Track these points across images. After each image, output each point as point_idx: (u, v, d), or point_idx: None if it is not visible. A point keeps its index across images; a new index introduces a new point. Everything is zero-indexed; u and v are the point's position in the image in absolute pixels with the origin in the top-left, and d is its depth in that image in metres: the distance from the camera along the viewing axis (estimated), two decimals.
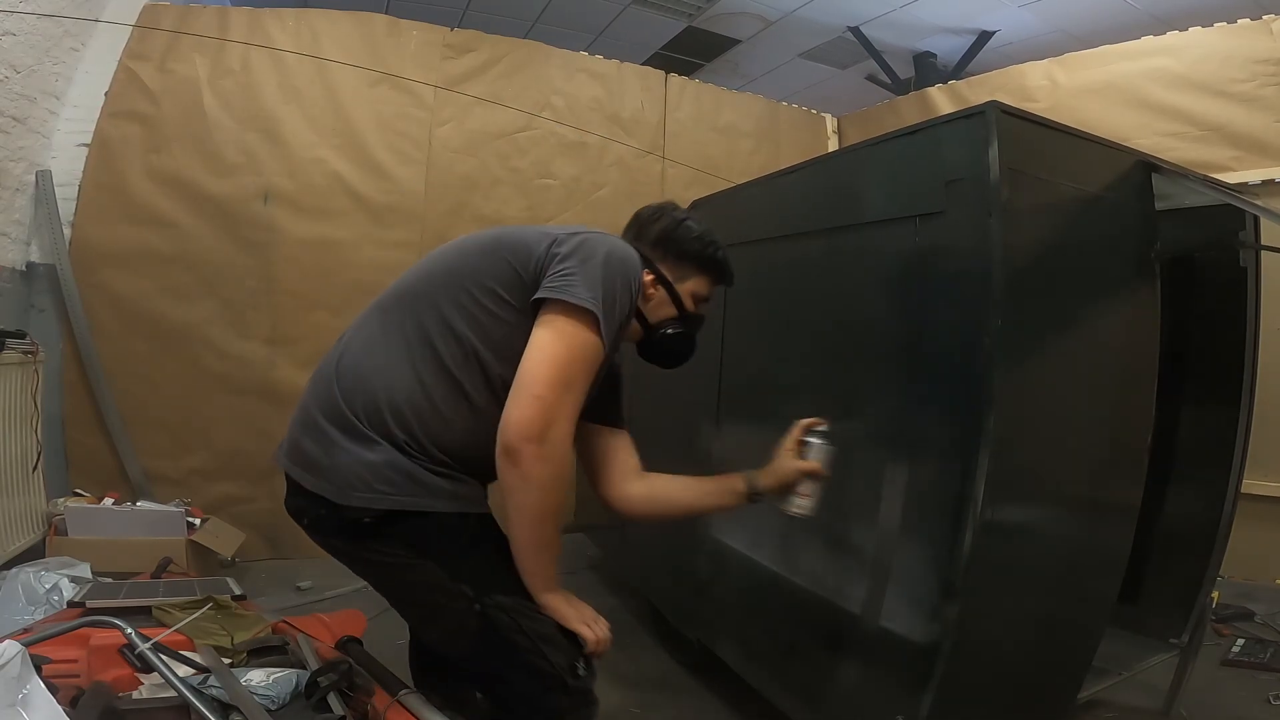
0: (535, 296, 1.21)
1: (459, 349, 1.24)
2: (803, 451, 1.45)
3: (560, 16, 5.61)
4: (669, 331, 1.43)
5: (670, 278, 1.42)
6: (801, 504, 1.43)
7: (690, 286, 1.43)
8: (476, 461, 1.25)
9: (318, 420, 1.27)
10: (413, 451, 1.22)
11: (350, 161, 4.00)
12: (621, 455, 1.45)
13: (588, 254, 1.23)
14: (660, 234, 1.43)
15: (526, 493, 1.17)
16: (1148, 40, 3.90)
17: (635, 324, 1.40)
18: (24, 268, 3.45)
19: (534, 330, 1.20)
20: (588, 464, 1.47)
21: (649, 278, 1.39)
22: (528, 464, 1.14)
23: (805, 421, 1.47)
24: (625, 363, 1.52)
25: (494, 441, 1.17)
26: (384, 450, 1.21)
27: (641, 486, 1.45)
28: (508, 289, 1.25)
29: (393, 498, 1.19)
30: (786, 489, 1.44)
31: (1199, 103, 3.67)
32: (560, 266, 1.22)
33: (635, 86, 4.84)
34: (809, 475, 1.42)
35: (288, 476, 1.33)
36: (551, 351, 1.17)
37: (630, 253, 1.31)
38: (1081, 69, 4.11)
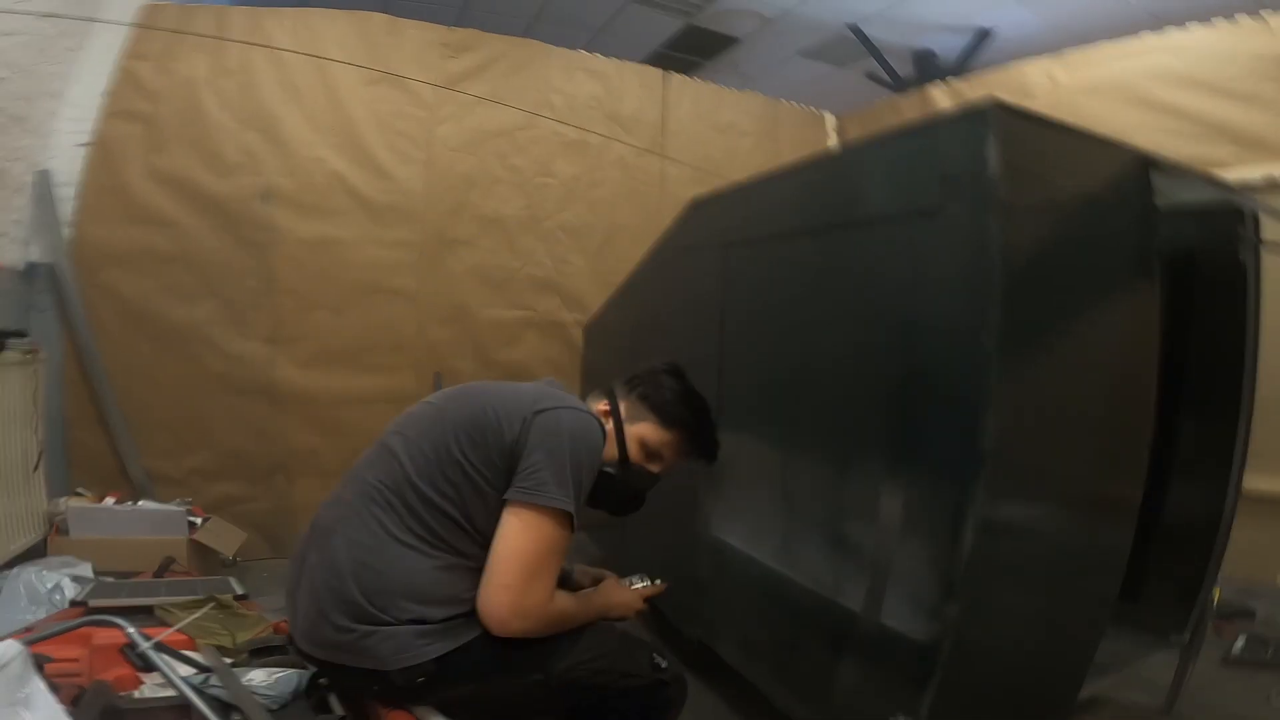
0: (506, 496, 1.29)
1: (454, 526, 1.32)
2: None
3: (559, 15, 5.60)
4: (624, 481, 1.49)
5: (623, 415, 1.50)
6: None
7: (639, 430, 1.49)
8: None
9: (339, 620, 1.28)
10: (436, 617, 1.28)
11: (350, 161, 4.00)
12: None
13: (554, 445, 1.30)
14: (645, 387, 1.53)
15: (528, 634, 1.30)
16: (1148, 38, 3.90)
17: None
18: (24, 268, 3.45)
19: (504, 516, 1.28)
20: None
21: (602, 407, 1.49)
22: (514, 632, 1.28)
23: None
24: (622, 363, 1.53)
25: None
26: (411, 625, 1.27)
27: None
28: (488, 476, 1.32)
29: (435, 646, 1.27)
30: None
31: (1199, 100, 3.66)
32: (530, 461, 1.29)
33: (634, 85, 4.84)
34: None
35: (317, 659, 1.35)
36: (518, 545, 1.26)
37: (591, 427, 1.37)
38: (1081, 67, 4.11)
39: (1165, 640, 2.27)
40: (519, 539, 1.26)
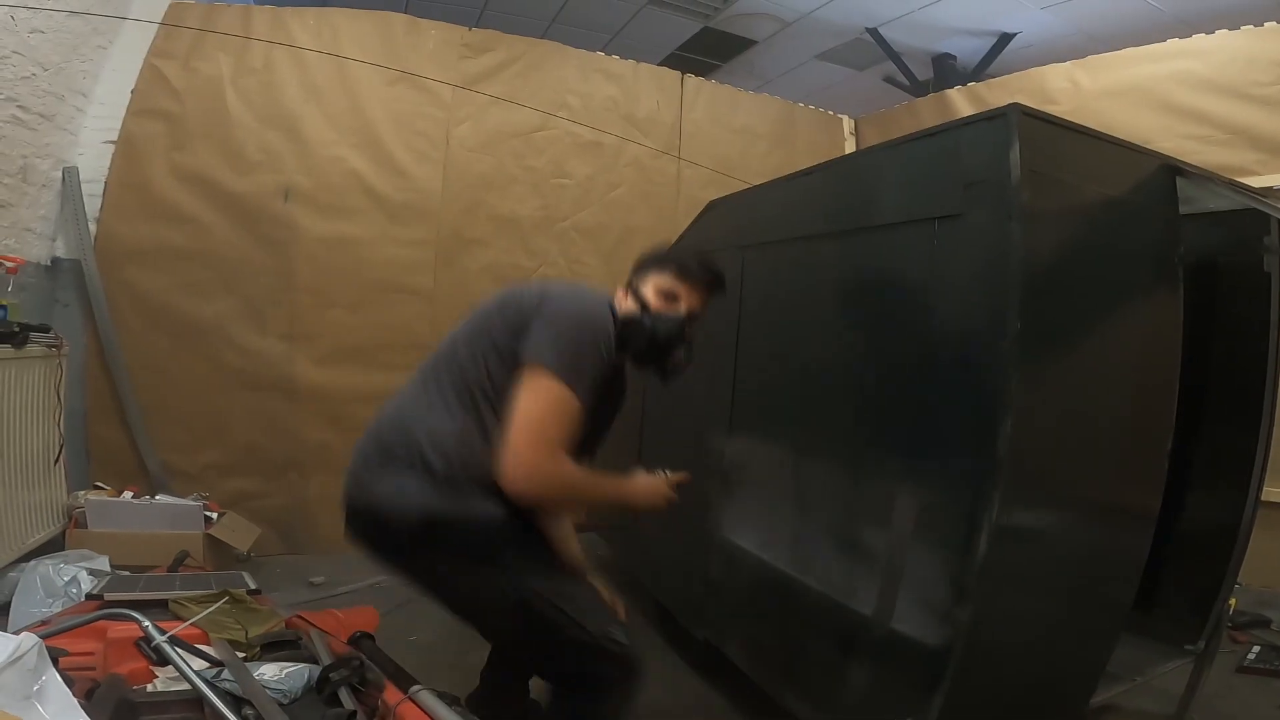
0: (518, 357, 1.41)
1: (480, 393, 1.46)
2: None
3: (577, 17, 5.62)
4: (625, 326, 1.55)
5: (636, 284, 1.62)
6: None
7: (652, 284, 1.61)
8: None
9: (370, 456, 1.50)
10: (446, 473, 1.40)
11: (368, 160, 4.03)
12: None
13: (555, 319, 1.42)
14: (640, 262, 1.66)
15: (547, 503, 1.47)
16: (1172, 43, 3.85)
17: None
18: (49, 263, 3.50)
19: (518, 389, 1.38)
20: None
21: (621, 293, 1.62)
22: (530, 499, 1.39)
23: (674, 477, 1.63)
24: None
25: None
26: (419, 472, 1.40)
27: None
28: (508, 346, 1.46)
29: (430, 500, 1.38)
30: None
31: (1224, 106, 3.61)
32: (537, 331, 1.41)
33: (651, 87, 4.84)
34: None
35: (347, 505, 1.52)
36: (525, 414, 1.36)
37: (597, 312, 1.48)
38: (1104, 71, 4.06)
39: (1180, 649, 2.24)
40: (525, 408, 1.36)
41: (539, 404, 1.35)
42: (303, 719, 1.30)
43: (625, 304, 1.60)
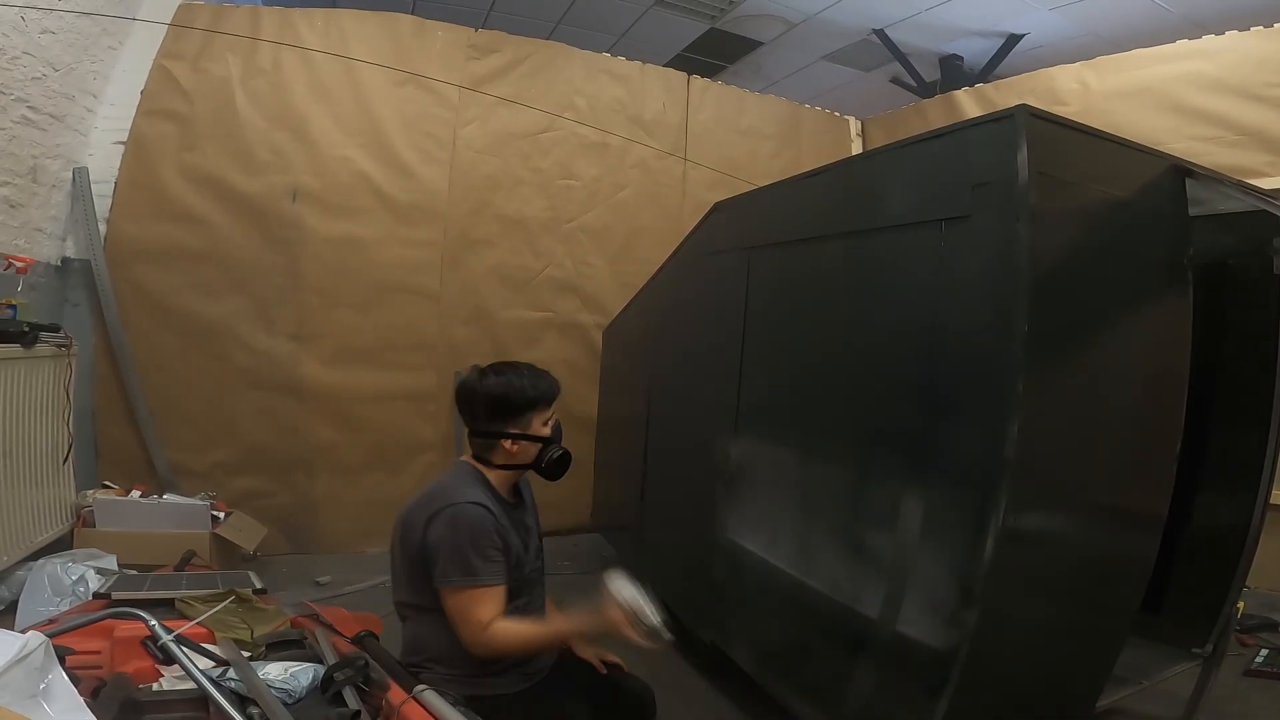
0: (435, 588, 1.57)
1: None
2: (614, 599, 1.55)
3: (583, 18, 5.62)
4: (550, 458, 1.71)
5: (520, 430, 1.68)
6: (648, 636, 1.50)
7: (536, 424, 1.70)
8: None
9: None
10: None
11: (376, 161, 4.05)
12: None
13: (439, 543, 1.55)
14: (487, 411, 1.69)
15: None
16: (1182, 44, 3.83)
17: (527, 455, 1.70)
18: (59, 263, 3.53)
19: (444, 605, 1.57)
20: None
21: (506, 444, 1.67)
22: (485, 655, 1.57)
23: (621, 591, 1.55)
24: (642, 365, 1.54)
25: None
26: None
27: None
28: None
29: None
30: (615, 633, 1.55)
31: (1234, 107, 3.59)
32: (439, 562, 1.55)
33: (657, 88, 4.85)
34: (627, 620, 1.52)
35: None
36: (458, 626, 1.55)
37: (471, 514, 1.57)
38: (1113, 72, 4.04)
39: (1187, 652, 2.22)
40: (454, 622, 1.56)
41: (459, 610, 1.54)
42: (307, 718, 1.30)
43: (513, 450, 1.68)
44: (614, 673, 1.82)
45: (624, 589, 1.52)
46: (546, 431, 1.72)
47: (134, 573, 2.46)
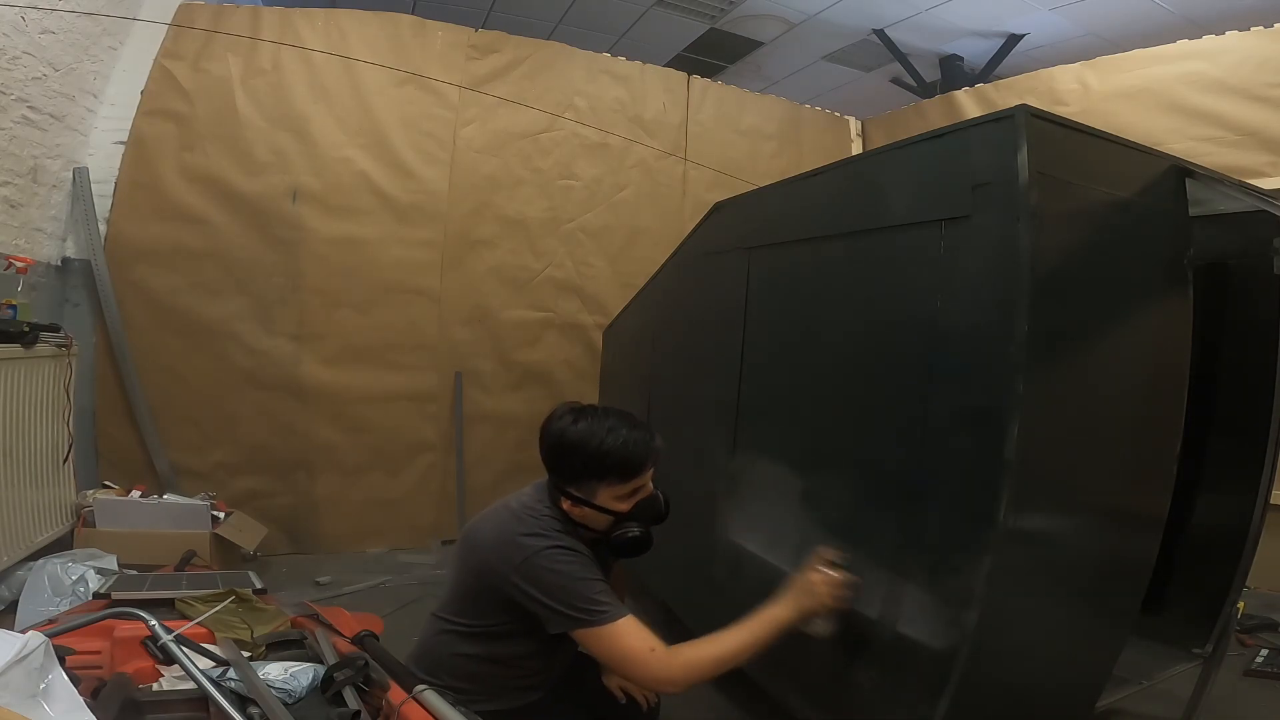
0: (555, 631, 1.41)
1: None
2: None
3: (583, 18, 5.62)
4: (624, 536, 1.49)
5: (583, 496, 1.45)
6: (824, 626, 1.53)
7: (604, 497, 1.46)
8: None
9: None
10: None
11: (376, 161, 4.05)
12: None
13: (545, 587, 1.38)
14: (550, 458, 1.48)
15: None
16: (1182, 44, 3.83)
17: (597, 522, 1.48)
18: (59, 263, 3.53)
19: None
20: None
21: (567, 505, 1.46)
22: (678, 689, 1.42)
23: (826, 554, 1.52)
24: (642, 366, 1.53)
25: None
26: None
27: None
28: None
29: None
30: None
31: (1234, 107, 3.59)
32: (551, 614, 1.39)
33: (658, 88, 4.85)
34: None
35: None
36: (617, 663, 1.41)
37: (563, 561, 1.39)
38: (1114, 72, 4.04)
39: (1187, 653, 2.22)
40: (604, 657, 1.42)
41: (609, 653, 1.39)
42: (308, 718, 1.30)
43: (574, 511, 1.47)
44: (629, 701, 1.71)
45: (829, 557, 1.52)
46: (621, 507, 1.47)
47: (134, 573, 2.46)
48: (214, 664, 1.43)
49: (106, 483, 3.49)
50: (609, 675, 1.71)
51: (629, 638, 1.37)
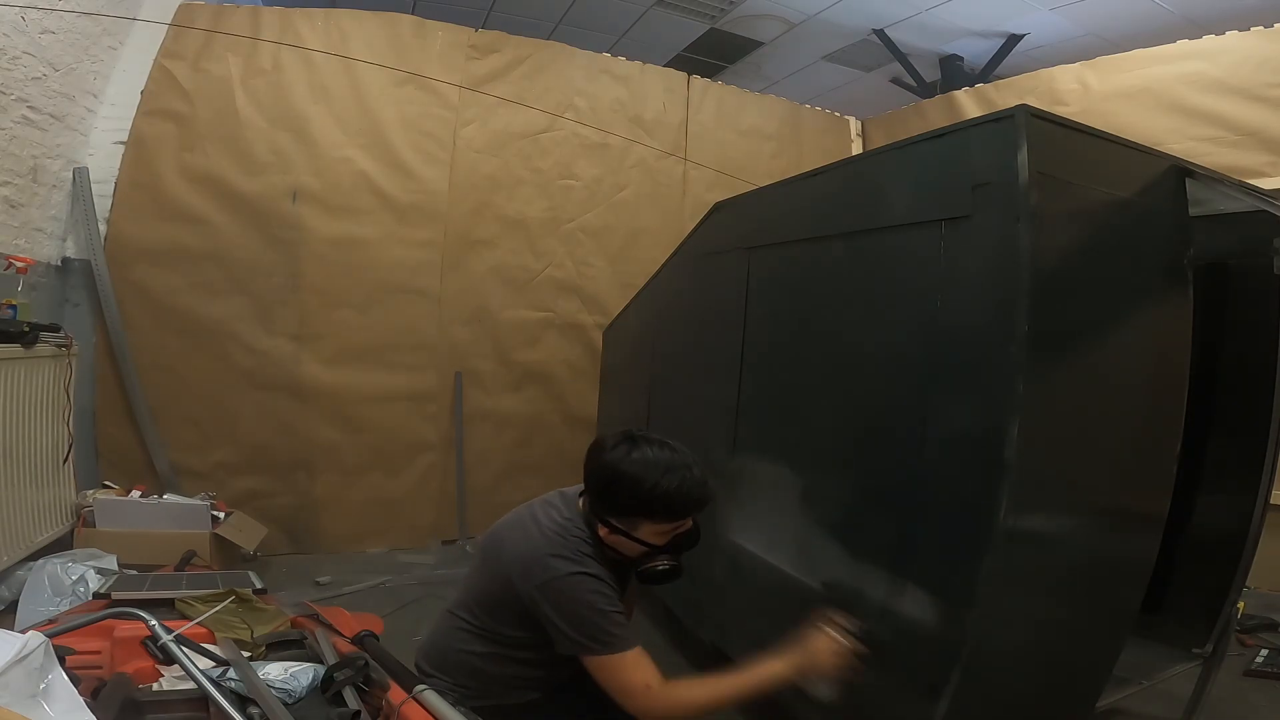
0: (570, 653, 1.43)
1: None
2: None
3: (583, 18, 5.62)
4: (654, 568, 1.49)
5: (624, 528, 1.45)
6: (824, 690, 1.47)
7: (645, 531, 1.45)
8: None
9: None
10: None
11: (376, 161, 4.05)
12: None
13: (562, 610, 1.40)
14: (601, 492, 1.46)
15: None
16: (1182, 44, 3.83)
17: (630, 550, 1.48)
18: (59, 263, 3.53)
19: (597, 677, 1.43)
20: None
21: (603, 531, 1.45)
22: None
23: (837, 618, 1.50)
24: (642, 366, 1.53)
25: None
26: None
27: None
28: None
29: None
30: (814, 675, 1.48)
31: (1234, 107, 3.59)
32: (554, 624, 1.41)
33: (658, 88, 4.85)
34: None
35: None
36: (615, 692, 1.40)
37: (586, 588, 1.40)
38: (1114, 72, 4.04)
39: (1187, 653, 2.22)
40: (605, 685, 1.41)
41: (609, 680, 1.40)
42: (308, 718, 1.30)
43: (610, 539, 1.46)
44: None
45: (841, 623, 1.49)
46: (659, 541, 1.46)
47: (134, 573, 2.46)
48: (214, 664, 1.43)
49: (106, 483, 3.49)
50: None
51: (630, 671, 1.39)
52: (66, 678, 1.06)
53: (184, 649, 1.39)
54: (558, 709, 1.63)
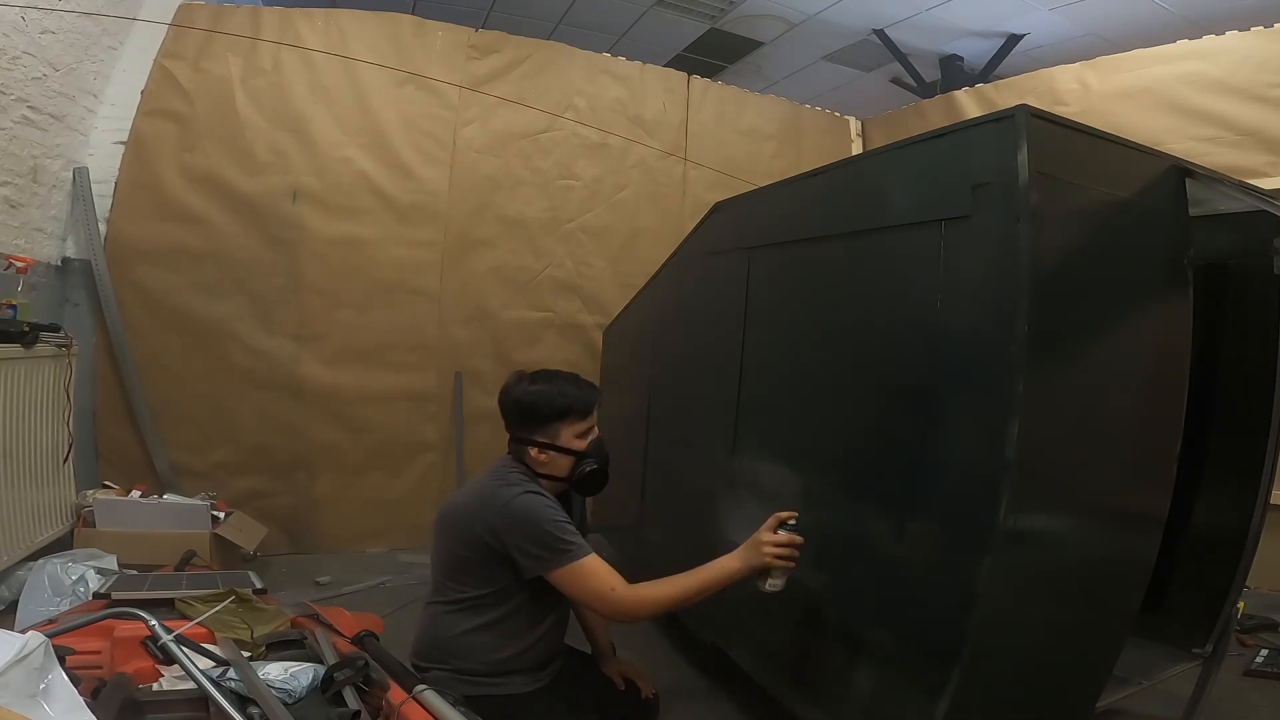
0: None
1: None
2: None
3: (583, 18, 5.62)
4: (584, 470, 1.72)
5: (548, 440, 1.69)
6: (774, 584, 1.61)
7: (566, 437, 1.70)
8: None
9: None
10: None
11: (376, 161, 4.05)
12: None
13: (519, 530, 1.57)
14: (517, 418, 1.72)
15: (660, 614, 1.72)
16: (1182, 44, 3.83)
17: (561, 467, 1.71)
18: (59, 263, 3.53)
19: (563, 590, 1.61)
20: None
21: (534, 452, 1.69)
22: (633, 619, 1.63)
23: (780, 515, 1.63)
24: (642, 366, 1.54)
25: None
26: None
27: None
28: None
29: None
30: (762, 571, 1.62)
31: (1234, 107, 3.59)
32: (519, 549, 1.58)
33: (658, 88, 4.84)
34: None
35: None
36: (590, 603, 1.61)
37: (534, 502, 1.60)
38: (1114, 72, 4.04)
39: (1187, 653, 2.22)
40: (572, 594, 1.60)
41: (577, 589, 1.57)
42: (308, 718, 1.30)
43: (541, 459, 1.69)
44: (629, 687, 1.86)
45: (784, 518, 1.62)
46: (579, 445, 1.71)
47: (134, 573, 2.46)
48: (214, 664, 1.43)
49: (106, 483, 3.49)
50: (607, 664, 1.91)
51: (593, 577, 1.56)
52: (66, 678, 1.06)
53: (184, 649, 1.40)
54: (557, 700, 1.69)
